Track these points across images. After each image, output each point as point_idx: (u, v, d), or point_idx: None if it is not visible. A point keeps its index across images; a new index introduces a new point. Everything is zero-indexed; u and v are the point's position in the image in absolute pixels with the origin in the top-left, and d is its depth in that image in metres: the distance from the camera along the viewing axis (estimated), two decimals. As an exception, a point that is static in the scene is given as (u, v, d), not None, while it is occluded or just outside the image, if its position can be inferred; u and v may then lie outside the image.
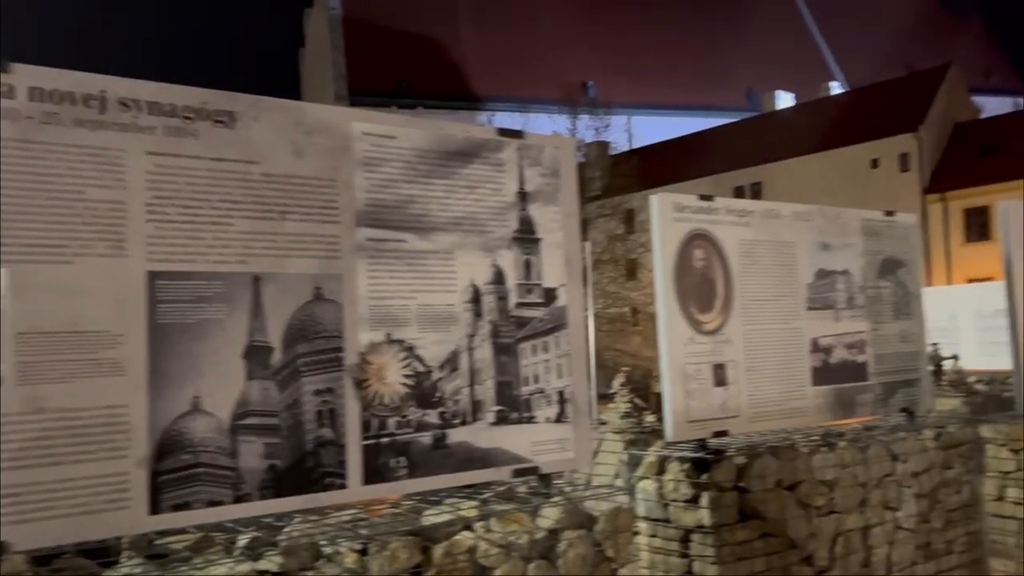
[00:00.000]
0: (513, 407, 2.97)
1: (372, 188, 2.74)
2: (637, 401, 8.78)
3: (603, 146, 42.12)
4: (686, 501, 4.03)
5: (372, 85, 55.36)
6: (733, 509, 4.00)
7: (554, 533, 2.77)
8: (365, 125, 2.76)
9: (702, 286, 4.33)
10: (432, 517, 2.67)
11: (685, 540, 4.03)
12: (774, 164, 41.46)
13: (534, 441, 3.01)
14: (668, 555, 4.08)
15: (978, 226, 33.57)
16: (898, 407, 5.13)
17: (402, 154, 2.81)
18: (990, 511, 5.01)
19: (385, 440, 2.68)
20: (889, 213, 5.33)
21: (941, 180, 36.35)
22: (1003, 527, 4.94)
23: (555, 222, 3.16)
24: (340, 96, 54.64)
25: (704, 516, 3.94)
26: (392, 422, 2.69)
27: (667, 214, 4.26)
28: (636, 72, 65.58)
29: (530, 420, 3.01)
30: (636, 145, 55.58)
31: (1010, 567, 4.92)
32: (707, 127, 52.74)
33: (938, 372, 12.04)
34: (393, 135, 2.81)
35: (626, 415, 8.45)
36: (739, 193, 41.27)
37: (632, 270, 35.34)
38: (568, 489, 3.06)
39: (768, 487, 4.13)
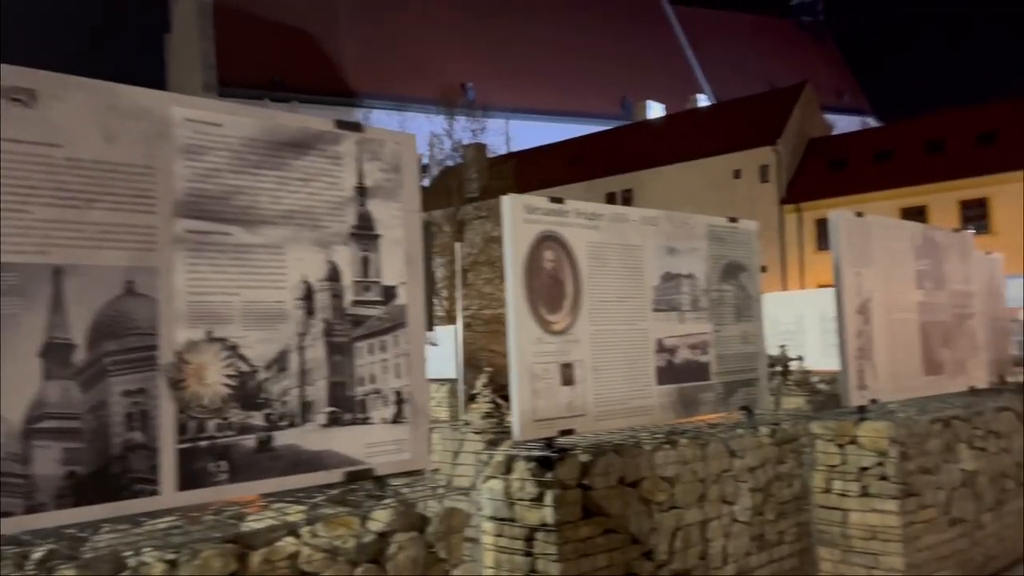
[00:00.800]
0: (346, 408, 2.90)
1: (194, 177, 2.60)
2: (499, 401, 8.84)
3: (480, 148, 42.30)
4: (531, 500, 4.06)
5: (244, 76, 53.48)
6: (577, 507, 4.06)
7: (384, 536, 2.72)
8: (187, 111, 2.61)
9: (551, 287, 4.38)
10: (254, 523, 2.55)
11: (530, 539, 4.06)
12: (644, 172, 42.87)
13: (368, 443, 2.94)
14: (513, 554, 4.10)
15: (828, 235, 35.77)
16: (738, 405, 5.37)
17: (228, 143, 2.68)
18: (818, 503, 5.31)
19: (204, 443, 2.54)
20: (732, 220, 5.57)
21: (796, 191, 38.63)
22: (829, 518, 5.26)
23: (396, 219, 3.11)
24: (209, 86, 52.49)
25: (548, 514, 3.98)
26: (212, 424, 2.56)
27: (518, 215, 4.28)
28: (515, 77, 66.34)
29: (365, 421, 2.94)
30: (514, 148, 56.19)
31: (835, 555, 5.24)
32: (582, 133, 53.96)
33: (785, 372, 12.77)
34: (219, 122, 2.67)
35: (487, 415, 8.49)
36: (611, 199, 42.45)
37: (507, 272, 35.43)
38: (405, 491, 3.01)
39: (611, 484, 4.22)
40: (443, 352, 14.29)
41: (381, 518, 2.74)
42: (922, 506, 5.20)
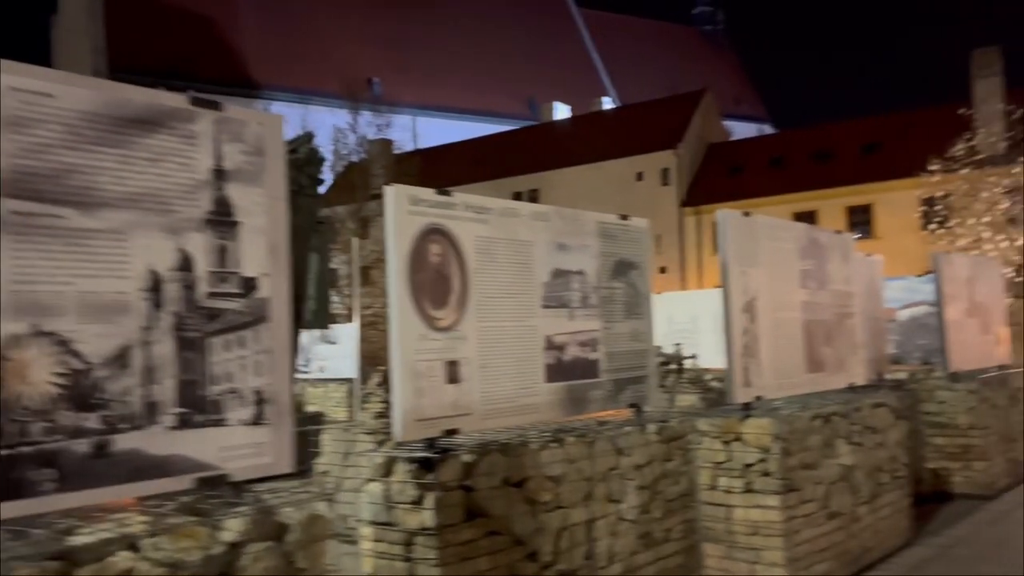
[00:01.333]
0: (198, 409, 2.67)
1: (20, 153, 2.32)
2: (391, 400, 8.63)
3: (386, 144, 41.73)
4: (411, 503, 3.90)
5: (138, 63, 51.10)
6: (459, 509, 3.93)
7: (237, 547, 2.51)
8: (13, 79, 2.34)
9: (437, 282, 4.23)
10: (85, 536, 2.31)
11: (409, 543, 3.90)
12: (550, 172, 43.23)
13: (224, 446, 2.72)
14: (392, 560, 3.93)
15: (724, 237, 36.80)
16: (627, 403, 5.36)
17: (63, 116, 2.42)
18: (704, 499, 5.35)
19: (27, 449, 2.28)
20: (623, 217, 5.56)
21: (695, 195, 39.69)
22: (714, 514, 5.30)
23: (258, 205, 2.89)
24: (98, 72, 49.90)
25: (428, 517, 3.83)
26: (37, 428, 2.30)
27: (402, 207, 4.12)
28: (423, 73, 65.87)
29: (219, 423, 2.72)
30: (421, 146, 55.70)
31: (720, 551, 5.28)
32: (490, 132, 54.04)
33: (680, 370, 12.99)
34: (51, 93, 2.41)
35: (379, 415, 8.27)
36: (517, 199, 42.59)
37: (411, 270, 35.06)
38: (267, 497, 2.80)
39: (495, 485, 4.10)
40: (343, 350, 13.95)
41: (234, 527, 2.53)
42: (802, 501, 5.30)
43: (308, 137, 14.85)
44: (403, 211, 4.12)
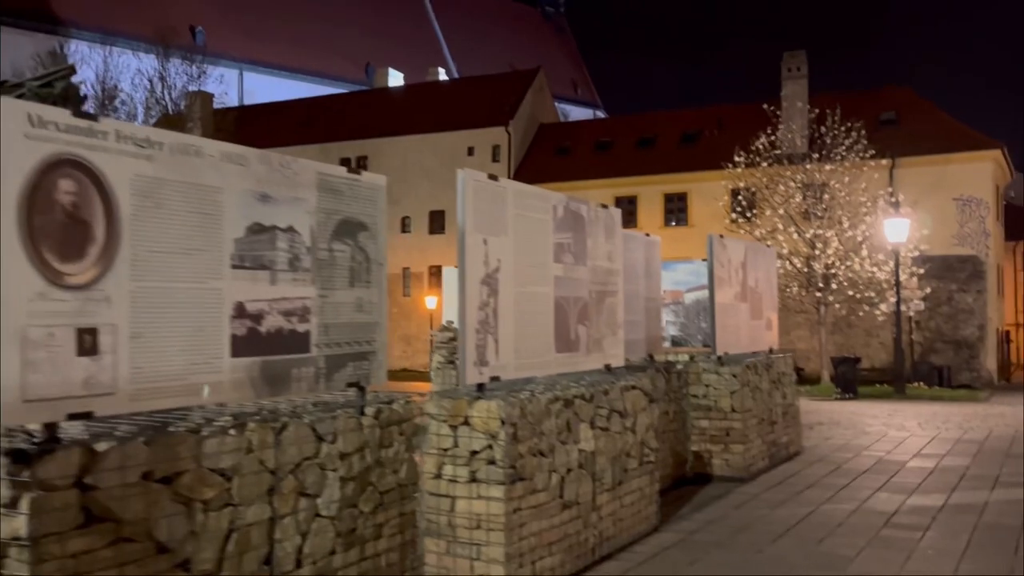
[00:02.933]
0: None
1: None
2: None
3: (206, 97, 39.01)
4: (5, 506, 3.06)
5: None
6: (71, 512, 3.12)
7: None
8: None
9: (69, 228, 3.37)
10: None
11: (1, 557, 3.07)
12: (381, 140, 41.95)
13: None
14: (-24, 578, 3.08)
15: (549, 217, 37.09)
16: (346, 381, 4.72)
17: None
18: (428, 489, 4.82)
19: None
20: (353, 171, 4.89)
21: (524, 174, 39.75)
22: (438, 506, 4.78)
23: None
24: None
25: (22, 524, 3.01)
26: None
27: (16, 128, 3.22)
28: (253, 27, 62.19)
29: None
30: (248, 102, 52.68)
31: (441, 546, 4.78)
32: (323, 94, 51.87)
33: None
34: None
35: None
36: (345, 164, 41.03)
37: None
38: None
39: (130, 481, 3.33)
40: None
41: None
42: (532, 491, 4.88)
43: (68, 71, 12.95)
44: (17, 134, 3.22)
